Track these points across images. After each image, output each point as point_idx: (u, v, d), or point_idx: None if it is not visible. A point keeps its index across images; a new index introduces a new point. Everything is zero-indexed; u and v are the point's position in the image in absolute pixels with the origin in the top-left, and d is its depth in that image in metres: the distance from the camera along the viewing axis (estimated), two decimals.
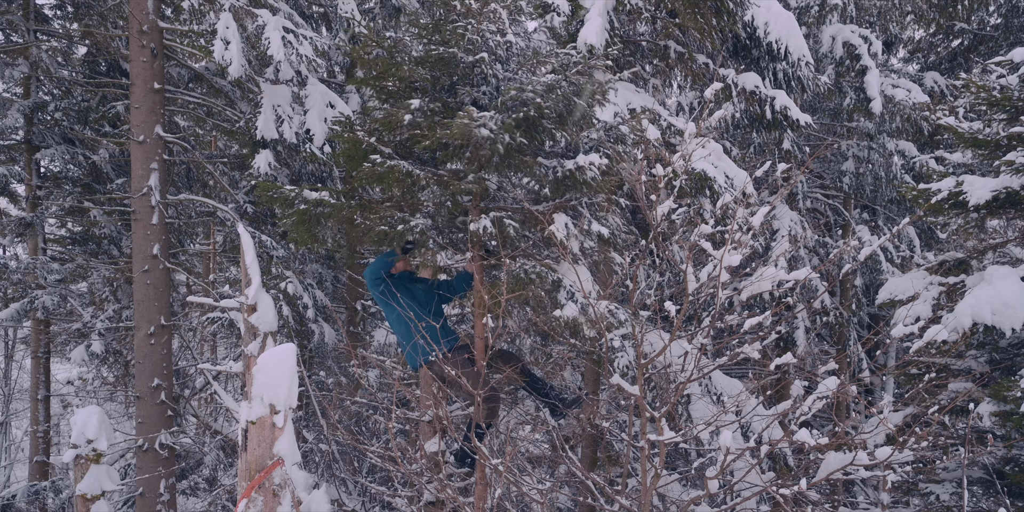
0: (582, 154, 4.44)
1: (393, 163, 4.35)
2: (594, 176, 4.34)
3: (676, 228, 6.34)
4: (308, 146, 7.81)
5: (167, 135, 8.12)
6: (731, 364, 5.52)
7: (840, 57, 9.42)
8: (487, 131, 4.11)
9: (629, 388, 4.41)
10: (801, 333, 9.82)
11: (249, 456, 4.00)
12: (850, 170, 10.87)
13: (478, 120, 4.11)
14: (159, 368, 8.15)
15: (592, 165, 4.34)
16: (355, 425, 9.26)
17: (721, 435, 3.95)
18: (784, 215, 9.65)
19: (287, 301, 8.60)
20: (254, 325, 5.59)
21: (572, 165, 4.38)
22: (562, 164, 4.46)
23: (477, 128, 4.09)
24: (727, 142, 8.14)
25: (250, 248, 5.43)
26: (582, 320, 4.37)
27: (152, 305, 8.09)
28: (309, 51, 7.21)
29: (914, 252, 10.97)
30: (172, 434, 8.24)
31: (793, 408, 4.46)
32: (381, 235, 4.57)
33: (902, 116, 10.15)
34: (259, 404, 4.01)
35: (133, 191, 8.03)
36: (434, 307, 5.10)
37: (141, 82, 7.87)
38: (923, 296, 6.96)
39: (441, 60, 4.47)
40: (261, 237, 8.65)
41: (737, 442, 6.26)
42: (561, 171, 4.43)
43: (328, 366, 9.94)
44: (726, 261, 4.12)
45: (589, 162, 4.34)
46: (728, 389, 7.18)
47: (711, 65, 6.76)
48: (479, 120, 4.12)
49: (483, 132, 4.10)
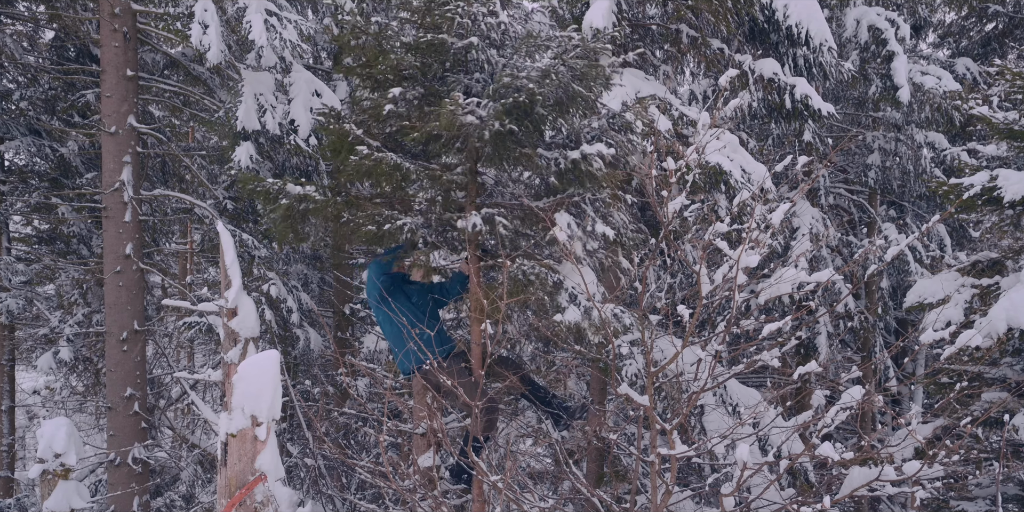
0: (585, 144, 4.43)
1: (381, 156, 4.35)
2: (599, 168, 4.33)
3: (689, 226, 6.34)
4: (293, 138, 7.81)
5: (141, 126, 8.11)
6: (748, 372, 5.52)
7: (865, 42, 9.41)
8: (474, 118, 4.11)
9: (638, 398, 4.41)
10: (823, 339, 9.82)
11: (229, 471, 4.00)
12: (876, 163, 10.87)
13: (465, 106, 4.11)
14: (132, 377, 8.15)
15: (598, 155, 4.33)
16: (343, 438, 9.26)
17: (737, 449, 3.95)
18: (805, 212, 9.65)
19: (270, 304, 8.59)
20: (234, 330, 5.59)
21: (576, 155, 4.36)
22: (565, 155, 4.45)
23: (464, 115, 4.09)
24: (744, 133, 8.13)
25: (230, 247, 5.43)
26: (585, 325, 4.36)
27: (125, 309, 8.09)
28: (294, 36, 7.22)
29: (945, 252, 10.97)
30: (146, 448, 8.24)
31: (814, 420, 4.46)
32: (369, 234, 4.57)
33: (932, 105, 10.15)
34: (240, 415, 4.01)
35: (104, 186, 8.02)
36: (429, 311, 5.11)
37: (113, 69, 7.87)
38: (954, 299, 6.96)
39: (431, 46, 4.46)
40: (242, 235, 8.66)
41: (754, 456, 6.26)
42: (564, 163, 4.42)
43: (314, 374, 9.94)
44: (743, 262, 4.12)
45: (597, 152, 4.33)
46: (745, 399, 7.18)
47: (726, 50, 6.75)
48: (466, 106, 4.12)
49: (469, 119, 4.09)
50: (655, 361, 5.82)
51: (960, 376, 7.00)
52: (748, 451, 3.99)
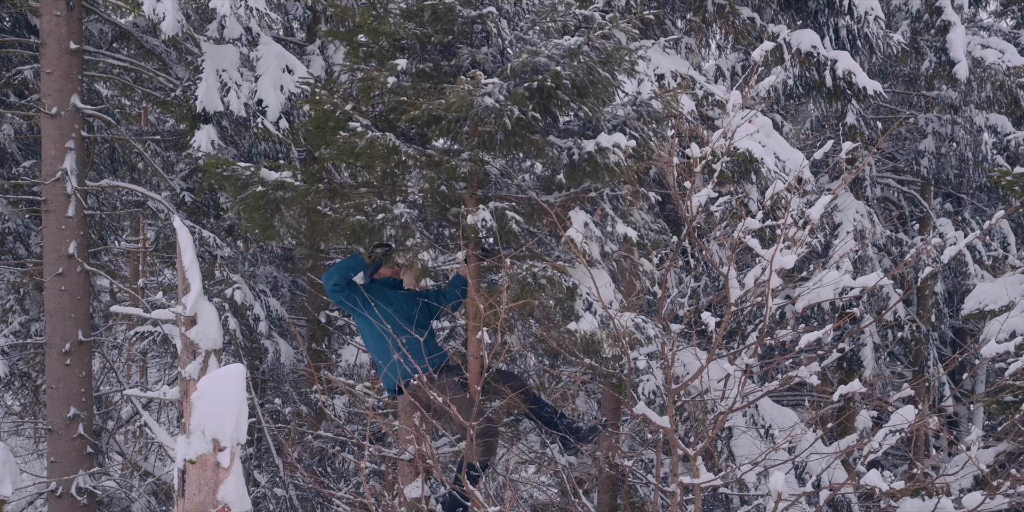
0: (604, 133, 4.42)
1: (376, 135, 4.36)
2: (618, 161, 4.33)
3: (715, 222, 6.34)
4: (260, 120, 7.81)
5: (86, 107, 8.11)
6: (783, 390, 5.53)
7: (917, 11, 9.43)
8: (492, 100, 4.11)
9: (657, 419, 4.41)
10: (869, 351, 9.82)
11: (187, 503, 4.00)
12: (929, 150, 10.88)
13: (484, 87, 4.10)
14: (76, 394, 8.15)
15: (617, 147, 4.32)
16: (318, 465, 9.27)
17: (771, 477, 3.96)
18: (848, 206, 9.67)
19: (234, 312, 8.60)
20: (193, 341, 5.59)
21: (592, 146, 4.36)
22: (579, 145, 4.45)
23: (481, 97, 4.08)
24: (778, 115, 8.15)
25: (188, 246, 5.44)
26: (602, 336, 4.36)
27: (68, 316, 8.09)
28: (261, 4, 7.21)
29: (1009, 251, 10.98)
30: (92, 476, 8.24)
31: (859, 444, 4.47)
32: (355, 227, 4.57)
33: (993, 83, 10.16)
34: (200, 439, 4.01)
35: (44, 176, 8.03)
36: (417, 318, 5.11)
37: (54, 41, 7.87)
38: (1020, 305, 6.98)
39: (435, 13, 4.45)
40: (202, 232, 8.66)
41: (790, 486, 6.27)
42: (578, 154, 4.42)
43: (285, 392, 9.94)
44: (777, 263, 4.13)
45: (613, 143, 4.32)
46: (779, 421, 7.20)
47: (758, 20, 6.76)
48: (485, 87, 4.11)
49: (487, 101, 4.09)
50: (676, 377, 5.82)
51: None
52: (783, 480, 4.00)
